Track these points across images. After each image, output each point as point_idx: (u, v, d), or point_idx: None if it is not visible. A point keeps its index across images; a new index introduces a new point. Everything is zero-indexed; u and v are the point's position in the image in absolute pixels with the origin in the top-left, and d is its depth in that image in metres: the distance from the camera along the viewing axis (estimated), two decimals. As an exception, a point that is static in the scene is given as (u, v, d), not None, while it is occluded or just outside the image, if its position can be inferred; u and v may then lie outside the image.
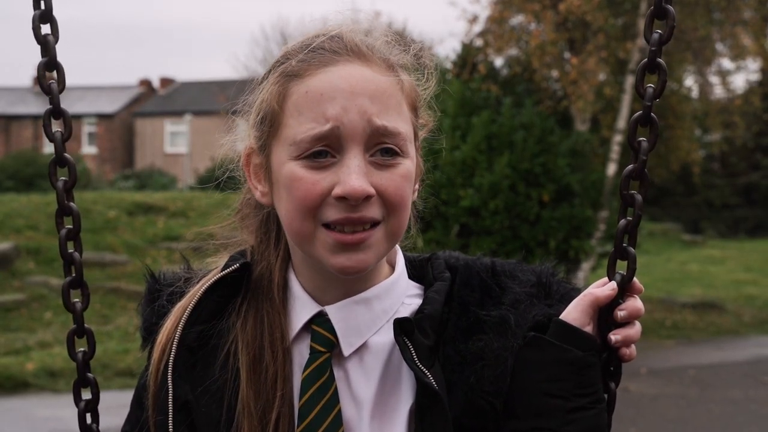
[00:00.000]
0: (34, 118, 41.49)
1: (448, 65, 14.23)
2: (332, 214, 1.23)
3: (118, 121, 41.81)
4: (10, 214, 16.39)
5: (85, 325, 1.45)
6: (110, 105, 41.92)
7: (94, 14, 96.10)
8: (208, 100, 39.46)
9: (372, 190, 1.22)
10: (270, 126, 1.29)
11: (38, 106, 42.15)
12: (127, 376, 9.58)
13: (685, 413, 8.81)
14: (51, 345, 11.05)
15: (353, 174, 1.21)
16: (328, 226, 1.24)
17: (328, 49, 1.27)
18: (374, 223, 1.25)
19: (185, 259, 1.47)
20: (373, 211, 1.24)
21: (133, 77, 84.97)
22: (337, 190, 1.21)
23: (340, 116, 1.22)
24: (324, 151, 1.23)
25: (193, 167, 37.16)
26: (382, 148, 1.24)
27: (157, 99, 43.92)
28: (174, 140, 41.91)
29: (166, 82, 45.34)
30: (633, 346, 1.28)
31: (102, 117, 40.98)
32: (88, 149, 40.36)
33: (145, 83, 44.60)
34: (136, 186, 28.80)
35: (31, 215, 16.51)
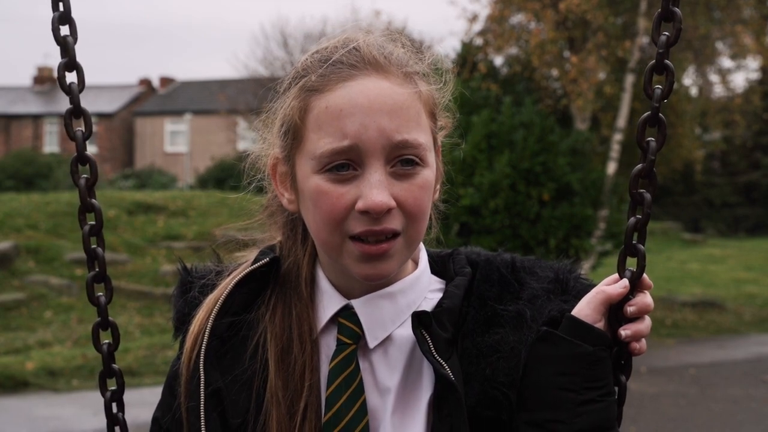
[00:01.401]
0: (34, 117, 41.50)
1: (448, 64, 14.22)
2: (356, 226, 1.27)
3: (118, 121, 41.83)
4: (10, 214, 16.41)
5: (109, 317, 1.49)
6: (110, 104, 41.92)
7: (94, 14, 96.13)
8: (208, 99, 39.51)
9: (393, 203, 1.26)
10: (293, 139, 1.33)
11: (38, 105, 42.19)
12: (127, 375, 9.57)
13: (685, 412, 8.83)
14: (51, 344, 11.05)
15: (374, 189, 1.25)
16: (353, 237, 1.29)
17: (346, 63, 1.30)
18: (395, 234, 1.29)
19: (216, 253, 1.52)
20: (394, 222, 1.28)
21: (133, 76, 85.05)
22: (360, 205, 1.26)
23: (359, 133, 1.25)
24: (345, 164, 1.27)
25: (193, 166, 37.19)
26: (402, 159, 1.28)
27: (157, 98, 43.93)
28: (174, 139, 41.93)
29: (166, 81, 45.37)
30: (643, 341, 1.31)
31: (102, 116, 40.98)
32: (88, 148, 40.12)
33: (145, 82, 44.62)
34: (136, 185, 28.82)
35: (31, 214, 16.52)
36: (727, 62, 16.72)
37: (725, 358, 11.90)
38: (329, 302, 1.38)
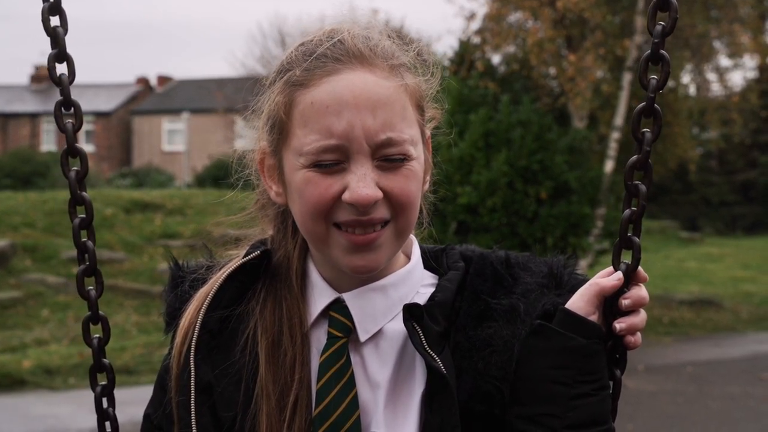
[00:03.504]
0: (32, 116, 41.42)
1: (446, 62, 14.24)
2: (343, 215, 1.27)
3: (115, 119, 41.75)
4: (7, 212, 16.38)
5: (100, 311, 1.47)
6: (108, 103, 41.84)
7: (92, 12, 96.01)
8: (206, 98, 39.41)
9: (380, 195, 1.26)
10: (279, 134, 1.32)
11: (35, 104, 42.10)
12: (124, 373, 9.56)
13: (682, 410, 8.83)
14: (47, 342, 11.05)
15: (361, 182, 1.24)
16: (339, 226, 1.28)
17: (330, 56, 1.28)
18: (384, 223, 1.28)
19: (207, 249, 1.51)
20: (382, 212, 1.28)
21: (130, 75, 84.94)
22: (347, 196, 1.25)
23: (346, 132, 1.24)
24: (333, 160, 1.26)
25: (191, 165, 37.13)
26: (388, 156, 1.27)
27: (155, 97, 43.85)
28: (172, 138, 41.86)
29: (163, 80, 45.27)
30: (638, 334, 1.30)
31: (100, 115, 40.90)
32: (86, 147, 40.00)
33: (143, 81, 44.52)
34: (134, 184, 28.75)
35: (28, 213, 16.50)
36: (724, 61, 16.73)
37: (723, 356, 11.90)
38: (320, 295, 1.37)
